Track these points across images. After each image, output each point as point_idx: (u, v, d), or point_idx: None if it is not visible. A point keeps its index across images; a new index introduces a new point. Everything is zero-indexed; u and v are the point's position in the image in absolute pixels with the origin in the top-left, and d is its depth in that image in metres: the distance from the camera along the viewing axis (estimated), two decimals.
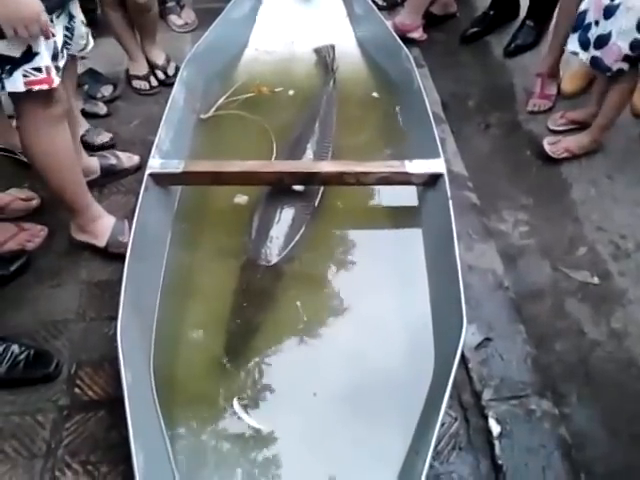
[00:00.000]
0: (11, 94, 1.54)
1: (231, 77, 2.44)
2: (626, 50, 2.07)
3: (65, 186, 1.80)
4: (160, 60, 2.72)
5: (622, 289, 2.00)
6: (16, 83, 1.49)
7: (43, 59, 1.50)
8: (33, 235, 1.99)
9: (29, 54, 1.47)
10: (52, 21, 1.53)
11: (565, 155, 2.43)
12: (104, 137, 2.38)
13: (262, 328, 1.61)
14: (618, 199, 2.27)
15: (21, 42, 1.44)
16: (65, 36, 1.67)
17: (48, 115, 1.62)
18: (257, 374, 1.53)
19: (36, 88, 1.51)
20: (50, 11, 1.49)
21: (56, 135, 1.68)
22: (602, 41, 2.13)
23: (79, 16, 1.74)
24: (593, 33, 2.16)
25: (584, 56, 2.23)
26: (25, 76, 1.48)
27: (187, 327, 1.62)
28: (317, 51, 2.57)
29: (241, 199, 1.93)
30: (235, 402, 1.46)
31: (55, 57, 1.57)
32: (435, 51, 2.97)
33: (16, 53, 1.45)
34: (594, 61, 2.19)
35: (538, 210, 2.29)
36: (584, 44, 2.21)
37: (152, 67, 2.73)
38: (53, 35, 1.53)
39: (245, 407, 1.45)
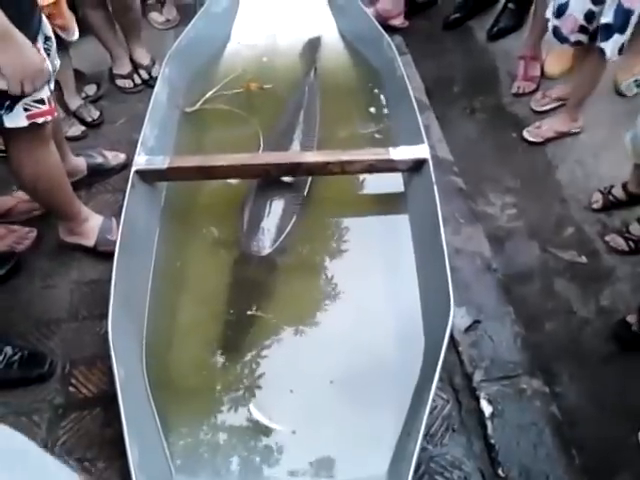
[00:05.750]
0: None
1: (214, 72, 2.44)
2: (581, 21, 2.04)
3: (55, 202, 1.81)
4: (145, 60, 2.70)
5: (609, 267, 2.02)
6: (18, 118, 1.42)
7: (44, 90, 1.44)
8: (21, 237, 1.99)
9: None
10: (36, 46, 1.44)
11: (550, 135, 2.44)
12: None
13: (256, 320, 1.62)
14: (604, 178, 2.27)
15: None
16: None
17: (39, 139, 1.57)
18: (251, 365, 1.54)
19: (40, 120, 1.45)
20: (33, 39, 1.41)
21: (46, 156, 1.64)
22: (561, 10, 2.11)
23: (51, 35, 1.63)
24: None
25: (550, 24, 2.20)
26: (26, 109, 1.42)
27: (178, 322, 1.64)
28: (303, 43, 2.57)
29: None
30: (252, 407, 1.46)
31: (48, 81, 1.52)
32: (418, 38, 2.97)
33: None
34: (555, 30, 2.17)
35: (525, 192, 2.30)
36: (553, 12, 2.18)
37: (136, 67, 2.71)
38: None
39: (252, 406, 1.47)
